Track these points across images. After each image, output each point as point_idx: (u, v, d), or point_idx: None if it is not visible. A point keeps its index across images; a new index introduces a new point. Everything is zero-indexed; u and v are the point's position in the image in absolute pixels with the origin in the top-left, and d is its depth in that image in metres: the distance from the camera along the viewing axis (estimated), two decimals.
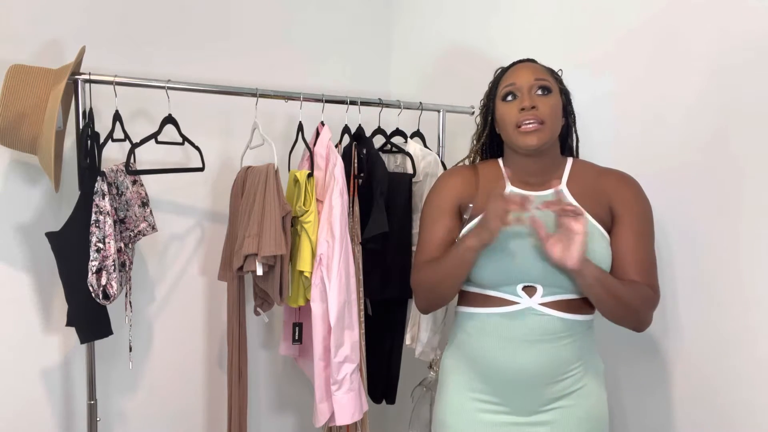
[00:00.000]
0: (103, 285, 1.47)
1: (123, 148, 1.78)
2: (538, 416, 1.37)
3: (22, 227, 1.68)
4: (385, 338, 1.93)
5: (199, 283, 2.01)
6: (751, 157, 1.45)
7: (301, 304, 1.73)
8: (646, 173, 1.51)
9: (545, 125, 1.34)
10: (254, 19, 2.06)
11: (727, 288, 1.51)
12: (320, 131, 1.75)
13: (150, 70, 1.76)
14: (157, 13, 1.86)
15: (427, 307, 1.50)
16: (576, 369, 1.37)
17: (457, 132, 2.08)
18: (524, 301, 1.34)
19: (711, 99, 1.52)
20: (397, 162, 1.96)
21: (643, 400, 1.69)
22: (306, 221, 1.66)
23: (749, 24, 1.45)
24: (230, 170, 1.95)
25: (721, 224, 1.51)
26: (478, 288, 1.41)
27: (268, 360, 2.19)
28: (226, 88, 1.69)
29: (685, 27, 1.56)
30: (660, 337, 1.64)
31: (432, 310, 1.52)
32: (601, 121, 1.73)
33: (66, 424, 1.79)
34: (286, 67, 2.14)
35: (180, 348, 1.99)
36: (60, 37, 1.68)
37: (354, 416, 1.67)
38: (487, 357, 1.38)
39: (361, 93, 1.92)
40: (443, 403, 1.47)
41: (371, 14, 2.39)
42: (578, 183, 1.41)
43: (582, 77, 1.70)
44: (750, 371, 1.48)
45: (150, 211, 1.68)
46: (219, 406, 2.08)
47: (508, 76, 1.41)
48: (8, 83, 1.42)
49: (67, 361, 1.78)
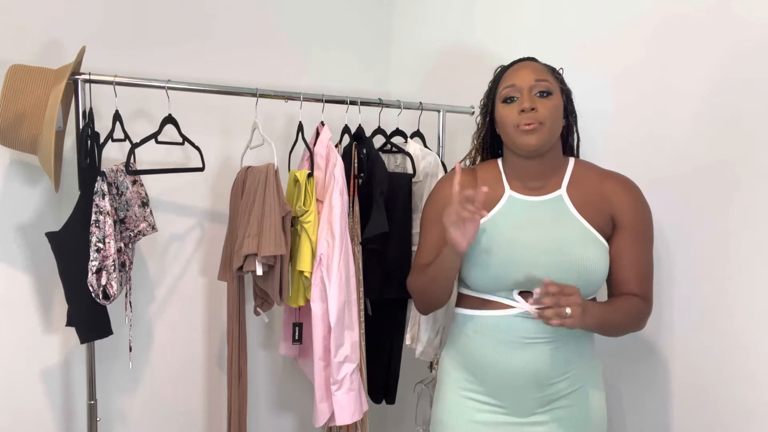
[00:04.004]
0: (103, 285, 1.47)
1: (123, 148, 1.78)
2: (536, 417, 1.37)
3: (22, 227, 1.68)
4: (385, 338, 1.93)
5: (199, 283, 2.01)
6: (750, 161, 1.45)
7: (301, 304, 1.73)
8: (645, 174, 1.52)
9: (544, 126, 1.34)
10: (254, 19, 2.06)
11: (724, 289, 1.51)
12: (320, 131, 1.75)
13: (150, 70, 1.76)
14: (157, 13, 1.86)
15: (424, 309, 1.52)
16: (574, 370, 1.37)
17: (457, 132, 2.08)
18: (521, 305, 1.34)
19: (712, 102, 1.52)
20: (397, 162, 1.96)
21: (641, 400, 1.69)
22: (306, 221, 1.66)
23: (750, 28, 1.45)
24: (230, 170, 1.95)
25: (719, 226, 1.51)
26: (475, 292, 1.41)
27: (268, 360, 2.19)
28: (226, 88, 1.69)
29: (687, 30, 1.56)
30: (658, 338, 1.64)
31: (430, 311, 1.53)
32: (602, 121, 1.73)
33: (66, 424, 1.79)
34: (286, 67, 2.14)
35: (180, 348, 1.99)
36: (60, 37, 1.68)
37: (354, 416, 1.67)
38: (485, 358, 1.38)
39: (361, 93, 1.92)
40: (441, 403, 1.47)
41: (371, 14, 2.39)
42: (579, 188, 1.40)
43: (583, 77, 1.70)
44: (747, 371, 1.48)
45: (150, 211, 1.68)
46: (219, 406, 2.08)
47: (508, 76, 1.41)
48: (8, 83, 1.42)
49: (67, 361, 1.78)
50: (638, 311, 1.36)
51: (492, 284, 1.36)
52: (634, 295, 1.36)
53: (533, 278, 1.33)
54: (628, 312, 1.35)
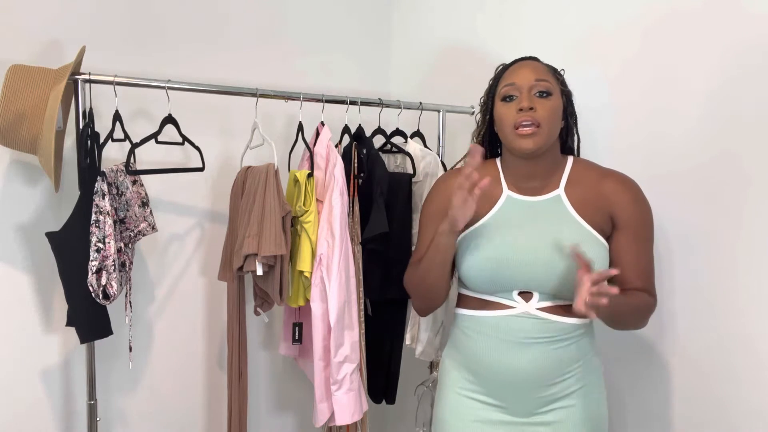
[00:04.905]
0: (103, 285, 1.47)
1: (123, 148, 1.78)
2: (537, 417, 1.37)
3: (22, 227, 1.68)
4: (385, 338, 1.93)
5: (199, 283, 2.01)
6: (752, 161, 1.45)
7: (301, 304, 1.73)
8: (646, 174, 1.51)
9: (542, 128, 1.33)
10: (254, 19, 2.06)
11: (725, 289, 1.51)
12: (320, 131, 1.75)
13: (150, 70, 1.76)
14: (157, 13, 1.86)
15: (421, 306, 1.52)
16: (575, 370, 1.37)
17: (457, 132, 2.08)
18: (520, 305, 1.34)
19: (714, 101, 1.52)
20: (397, 162, 1.96)
21: (642, 399, 1.69)
22: (306, 221, 1.66)
23: (753, 27, 1.45)
24: (230, 170, 1.95)
25: (720, 226, 1.51)
26: (474, 293, 1.41)
27: (268, 360, 2.19)
28: (226, 88, 1.69)
29: (690, 29, 1.56)
30: (659, 338, 1.64)
31: (427, 310, 1.53)
32: (602, 121, 1.73)
33: (66, 424, 1.79)
34: (286, 67, 2.14)
35: (180, 348, 1.99)
36: (60, 37, 1.68)
37: (354, 416, 1.67)
38: (485, 359, 1.38)
39: (361, 93, 1.92)
40: (443, 403, 1.47)
41: (371, 15, 2.39)
42: (577, 187, 1.39)
43: (583, 77, 1.70)
44: (748, 371, 1.48)
45: (150, 211, 1.68)
46: (219, 406, 2.08)
47: (508, 74, 1.41)
48: (8, 83, 1.42)
49: (67, 361, 1.78)
50: (646, 306, 1.37)
51: (490, 285, 1.36)
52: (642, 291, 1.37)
53: (532, 278, 1.33)
54: (638, 305, 1.36)
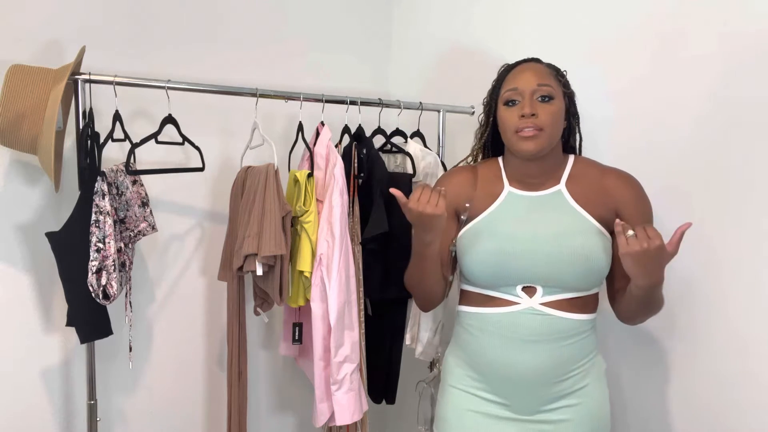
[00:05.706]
0: (103, 285, 1.47)
1: (123, 148, 1.78)
2: (540, 415, 1.37)
3: (22, 227, 1.68)
4: (385, 338, 1.93)
5: (199, 283, 2.01)
6: (754, 159, 1.45)
7: (301, 304, 1.73)
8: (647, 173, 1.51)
9: (544, 132, 1.34)
10: (254, 19, 2.06)
11: (727, 288, 1.51)
12: (320, 131, 1.75)
13: (150, 70, 1.76)
14: (157, 13, 1.86)
15: (422, 303, 1.56)
16: (578, 368, 1.37)
17: (457, 132, 2.08)
18: (524, 301, 1.35)
19: (715, 101, 1.52)
20: (397, 162, 1.96)
21: (645, 399, 1.69)
22: (306, 221, 1.66)
23: (755, 25, 1.45)
24: (230, 170, 1.95)
25: (722, 224, 1.51)
26: (478, 288, 1.41)
27: (268, 360, 2.19)
28: (226, 88, 1.69)
29: (691, 28, 1.56)
30: (662, 337, 1.64)
31: (428, 306, 1.56)
32: (604, 121, 1.73)
33: (66, 424, 1.79)
34: (286, 67, 2.14)
35: (180, 348, 1.99)
36: (60, 37, 1.68)
37: (354, 416, 1.67)
38: (489, 356, 1.38)
39: (361, 93, 1.92)
40: (445, 400, 1.48)
41: (372, 14, 2.39)
42: (578, 183, 1.41)
43: (584, 77, 1.70)
44: (751, 371, 1.48)
45: (150, 211, 1.68)
46: (219, 406, 2.08)
47: (511, 78, 1.41)
48: (8, 83, 1.41)
49: (67, 361, 1.78)
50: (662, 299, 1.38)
51: (494, 279, 1.37)
52: None
53: (534, 271, 1.33)
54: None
